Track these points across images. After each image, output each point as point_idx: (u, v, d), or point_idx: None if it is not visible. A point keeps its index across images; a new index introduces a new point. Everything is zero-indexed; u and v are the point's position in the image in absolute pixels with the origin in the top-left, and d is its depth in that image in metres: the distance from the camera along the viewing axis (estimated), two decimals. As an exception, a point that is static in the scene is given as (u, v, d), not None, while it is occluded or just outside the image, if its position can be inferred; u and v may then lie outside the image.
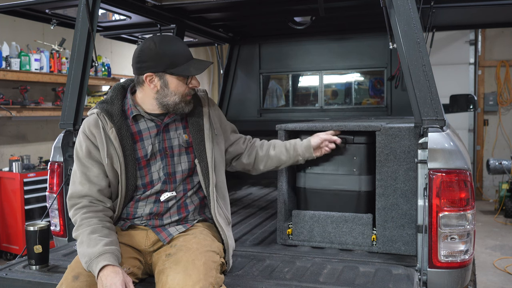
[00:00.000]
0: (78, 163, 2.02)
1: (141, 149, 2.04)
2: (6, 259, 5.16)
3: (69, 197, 2.01)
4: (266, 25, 4.26)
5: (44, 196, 4.68)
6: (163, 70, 1.96)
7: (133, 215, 2.06)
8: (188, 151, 2.09)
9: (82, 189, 1.98)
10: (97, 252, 1.79)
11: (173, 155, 2.06)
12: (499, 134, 8.06)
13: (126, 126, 2.02)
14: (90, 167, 2.00)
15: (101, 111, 2.01)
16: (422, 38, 2.10)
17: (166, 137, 2.06)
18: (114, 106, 2.04)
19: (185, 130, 2.10)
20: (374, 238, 2.37)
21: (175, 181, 2.05)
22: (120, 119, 2.01)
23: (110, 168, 1.99)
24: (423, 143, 2.08)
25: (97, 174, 2.00)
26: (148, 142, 2.04)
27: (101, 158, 1.99)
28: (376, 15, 2.82)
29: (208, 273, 1.77)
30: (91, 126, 2.00)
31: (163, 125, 2.05)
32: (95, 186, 1.99)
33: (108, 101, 2.06)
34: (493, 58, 8.02)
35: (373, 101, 4.55)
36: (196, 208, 2.11)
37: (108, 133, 1.98)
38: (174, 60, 1.95)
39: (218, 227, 2.06)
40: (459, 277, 2.06)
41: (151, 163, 2.05)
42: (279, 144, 2.36)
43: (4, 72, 5.15)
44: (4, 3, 2.86)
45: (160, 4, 3.10)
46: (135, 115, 2.04)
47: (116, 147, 1.97)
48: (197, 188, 2.12)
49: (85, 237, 1.86)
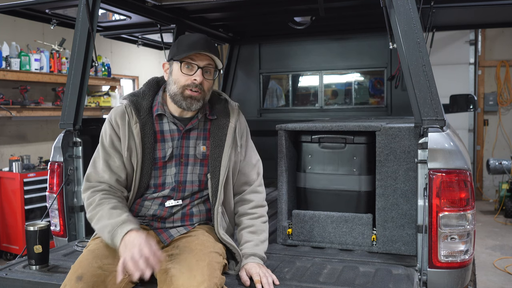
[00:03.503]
0: (102, 150, 2.04)
1: (161, 150, 2.04)
2: (6, 259, 5.16)
3: (87, 178, 2.03)
4: (266, 25, 4.26)
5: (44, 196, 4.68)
6: (171, 58, 2.01)
7: (136, 213, 2.06)
8: (203, 163, 2.07)
9: (103, 175, 2.01)
10: (122, 220, 1.81)
11: (187, 163, 2.05)
12: (499, 134, 8.06)
13: (150, 124, 2.03)
14: (113, 156, 2.02)
15: (129, 104, 2.03)
16: (422, 38, 2.10)
17: (185, 144, 2.05)
18: (144, 101, 2.05)
19: (205, 141, 2.08)
20: (374, 238, 2.37)
21: (184, 190, 2.05)
22: (146, 115, 2.03)
23: (128, 161, 2.01)
24: (423, 143, 2.08)
25: (118, 165, 2.02)
26: (169, 144, 2.04)
27: (121, 149, 2.01)
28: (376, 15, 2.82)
29: (213, 274, 1.77)
30: (118, 116, 2.02)
31: (184, 131, 2.05)
32: (115, 175, 2.01)
33: (139, 95, 2.08)
34: (493, 58, 8.02)
35: (373, 101, 4.54)
36: (202, 219, 2.10)
37: (132, 127, 2.00)
38: (180, 48, 1.97)
39: (225, 243, 2.03)
40: (459, 277, 2.06)
41: (167, 166, 2.04)
42: (247, 224, 2.11)
43: (4, 72, 5.15)
44: (4, 3, 2.86)
45: (160, 4, 3.10)
46: (160, 114, 2.05)
47: (137, 143, 1.99)
48: (205, 199, 2.11)
49: (105, 212, 1.88)
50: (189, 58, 1.97)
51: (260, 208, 2.15)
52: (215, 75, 2.04)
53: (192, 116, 2.07)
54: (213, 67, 2.02)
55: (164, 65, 2.08)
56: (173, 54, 2.01)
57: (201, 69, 1.97)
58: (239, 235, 2.12)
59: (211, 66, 2.01)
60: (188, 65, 1.97)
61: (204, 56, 1.98)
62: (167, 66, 2.06)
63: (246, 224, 2.10)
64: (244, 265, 1.98)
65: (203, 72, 1.99)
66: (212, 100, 2.14)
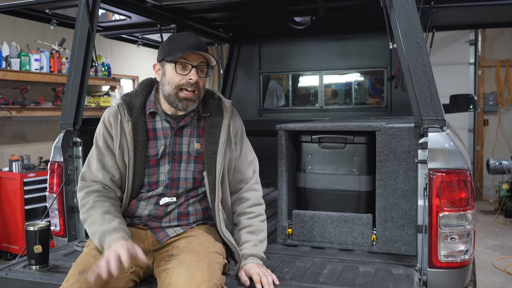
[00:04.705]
0: (96, 150, 2.07)
1: (153, 148, 2.05)
2: (6, 259, 5.15)
3: (82, 177, 2.05)
4: (266, 25, 4.26)
5: (44, 196, 4.68)
6: (162, 58, 2.01)
7: (132, 213, 2.07)
8: (197, 160, 2.08)
9: (97, 175, 2.03)
10: (112, 227, 1.84)
11: (180, 161, 2.06)
12: (499, 134, 8.06)
13: (143, 122, 2.04)
14: (106, 155, 2.04)
15: (122, 103, 2.05)
16: (422, 38, 2.10)
17: (178, 141, 2.06)
18: (137, 100, 2.07)
19: (199, 139, 2.08)
20: (374, 238, 2.37)
21: (177, 187, 2.05)
22: (139, 114, 2.04)
23: (121, 160, 2.02)
24: (423, 143, 2.08)
25: (112, 164, 2.04)
26: (161, 142, 2.05)
27: (114, 148, 2.03)
28: (376, 15, 2.82)
29: (213, 274, 1.77)
30: (111, 116, 2.05)
31: (177, 128, 2.05)
32: (109, 174, 2.03)
33: (132, 94, 2.10)
34: (493, 58, 8.02)
35: (373, 101, 4.54)
36: (199, 218, 2.10)
37: (124, 126, 2.02)
38: (172, 49, 1.98)
39: (226, 241, 2.04)
40: (459, 277, 2.06)
41: (161, 164, 2.05)
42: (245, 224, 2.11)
43: (4, 72, 5.15)
44: (4, 3, 2.86)
45: (160, 4, 3.10)
46: (152, 112, 2.06)
47: (129, 141, 2.00)
48: (201, 197, 2.11)
49: (98, 216, 1.90)
50: (183, 58, 1.97)
51: (258, 206, 2.15)
52: (209, 72, 2.06)
53: (185, 113, 2.08)
54: (206, 64, 2.03)
55: (155, 66, 2.08)
56: (165, 55, 2.00)
57: (195, 68, 1.98)
58: (237, 235, 2.12)
59: (204, 64, 2.03)
60: (182, 65, 1.98)
61: (197, 55, 1.99)
62: (159, 67, 2.06)
63: (244, 224, 2.10)
64: (243, 265, 1.98)
65: (197, 70, 2.00)
66: (205, 98, 2.15)
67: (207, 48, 2.03)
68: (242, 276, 1.94)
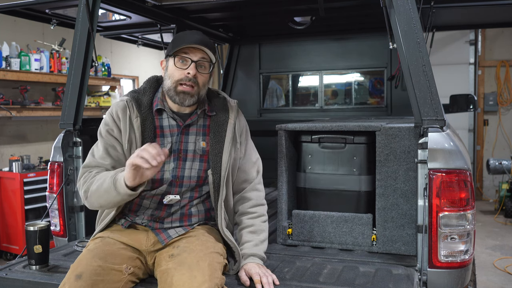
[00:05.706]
0: (101, 140, 2.06)
1: (160, 145, 2.04)
2: (6, 259, 5.16)
3: (85, 166, 2.05)
4: (266, 25, 4.26)
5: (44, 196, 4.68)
6: (167, 54, 2.04)
7: (134, 212, 2.06)
8: (202, 159, 2.07)
9: (102, 162, 2.02)
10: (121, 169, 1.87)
11: (185, 159, 2.05)
12: (499, 134, 8.06)
13: (151, 118, 2.04)
14: (113, 144, 2.03)
15: (131, 99, 2.05)
16: (422, 38, 2.10)
17: (184, 139, 2.06)
18: (145, 97, 2.08)
19: (205, 137, 2.08)
20: (374, 238, 2.37)
21: (181, 186, 2.04)
22: (147, 110, 2.05)
23: (128, 153, 2.01)
24: (423, 143, 2.08)
25: (117, 154, 2.03)
26: (168, 140, 2.05)
27: (122, 140, 2.03)
28: (376, 15, 2.82)
29: (213, 274, 1.77)
30: (119, 110, 2.05)
31: (183, 126, 2.05)
32: (114, 161, 2.03)
33: (140, 92, 2.11)
34: (493, 58, 8.02)
35: (373, 101, 4.55)
36: (201, 219, 2.10)
37: (132, 121, 2.02)
38: (175, 44, 1.99)
39: (227, 240, 2.04)
40: (459, 277, 2.06)
41: (166, 161, 2.04)
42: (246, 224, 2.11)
43: (4, 72, 5.15)
44: (4, 3, 2.86)
45: (160, 4, 3.10)
46: (159, 109, 2.06)
47: (137, 136, 2.01)
48: (204, 198, 2.11)
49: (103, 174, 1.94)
50: (183, 53, 1.97)
51: (260, 206, 2.15)
52: (210, 69, 2.05)
53: (191, 112, 2.08)
54: (208, 61, 2.02)
55: (162, 62, 2.11)
56: (168, 51, 2.03)
57: (195, 63, 1.98)
58: (239, 234, 2.12)
59: (205, 60, 2.01)
60: (182, 60, 1.98)
61: (197, 50, 1.98)
62: (164, 63, 2.09)
63: (246, 223, 2.11)
64: (243, 265, 1.98)
65: (197, 66, 1.99)
66: (211, 97, 2.16)
67: (210, 45, 2.01)
68: (242, 276, 1.94)
